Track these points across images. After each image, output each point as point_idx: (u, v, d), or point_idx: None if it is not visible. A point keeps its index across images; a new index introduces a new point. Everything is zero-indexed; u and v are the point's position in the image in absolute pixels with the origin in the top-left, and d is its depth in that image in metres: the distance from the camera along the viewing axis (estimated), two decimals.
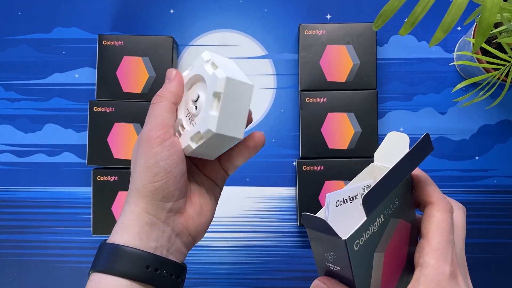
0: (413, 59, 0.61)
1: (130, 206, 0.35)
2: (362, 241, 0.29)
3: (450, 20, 0.33)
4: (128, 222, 0.34)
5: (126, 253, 0.33)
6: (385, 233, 0.31)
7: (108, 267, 0.33)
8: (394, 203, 0.31)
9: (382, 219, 0.31)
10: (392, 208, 0.31)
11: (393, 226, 0.31)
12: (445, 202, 0.30)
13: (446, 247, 0.29)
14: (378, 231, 0.30)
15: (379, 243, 0.31)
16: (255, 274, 0.60)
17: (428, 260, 0.29)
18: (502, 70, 0.49)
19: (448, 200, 0.31)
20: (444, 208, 0.30)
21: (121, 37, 0.58)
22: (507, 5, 0.39)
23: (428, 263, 0.29)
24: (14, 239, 0.61)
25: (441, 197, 0.31)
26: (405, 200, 0.33)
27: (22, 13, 0.62)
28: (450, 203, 0.31)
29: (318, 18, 0.62)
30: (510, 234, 0.60)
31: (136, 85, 0.57)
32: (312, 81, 0.58)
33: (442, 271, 0.28)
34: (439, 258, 0.28)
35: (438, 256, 0.28)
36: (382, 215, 0.31)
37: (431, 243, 0.29)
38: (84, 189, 0.61)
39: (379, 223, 0.30)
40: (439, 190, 0.32)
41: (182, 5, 0.62)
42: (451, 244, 0.29)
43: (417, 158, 0.32)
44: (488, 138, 0.60)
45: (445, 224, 0.29)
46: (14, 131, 0.61)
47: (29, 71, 0.62)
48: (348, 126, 0.57)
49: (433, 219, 0.30)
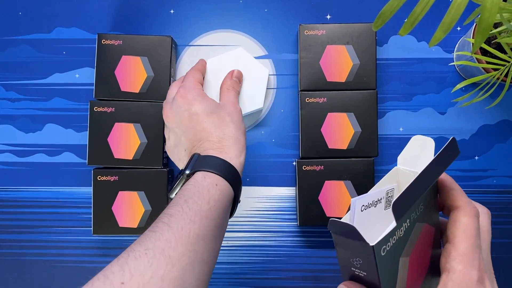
0: (413, 59, 0.61)
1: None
2: (389, 247, 0.29)
3: (450, 20, 0.33)
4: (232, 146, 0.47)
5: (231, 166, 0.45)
6: (411, 237, 0.31)
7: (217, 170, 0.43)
8: (420, 207, 0.31)
9: (408, 224, 0.30)
10: (417, 213, 0.31)
11: (418, 231, 0.31)
12: (471, 206, 0.30)
13: (473, 253, 0.28)
14: (404, 236, 0.30)
15: (405, 247, 0.31)
16: (255, 274, 0.60)
17: (455, 266, 0.28)
18: (501, 70, 0.49)
19: (474, 205, 0.31)
20: (470, 213, 0.30)
21: (120, 36, 0.58)
22: (506, 5, 0.39)
23: (456, 268, 0.28)
24: (14, 239, 0.61)
25: (467, 202, 0.31)
26: (429, 204, 0.32)
27: (22, 13, 0.62)
28: (476, 208, 0.31)
29: (318, 18, 0.62)
30: (510, 234, 0.60)
31: (134, 85, 0.58)
32: (312, 81, 0.58)
33: (470, 276, 0.28)
34: (466, 264, 0.28)
35: (465, 261, 0.28)
36: (408, 220, 0.30)
37: (458, 248, 0.29)
38: (85, 189, 0.61)
39: (405, 228, 0.30)
40: (465, 194, 0.32)
41: (182, 5, 0.62)
42: (477, 249, 0.29)
43: (444, 163, 0.32)
44: (488, 138, 0.60)
45: (472, 229, 0.29)
46: (15, 131, 0.61)
47: (30, 71, 0.62)
48: (348, 126, 0.57)
49: (459, 224, 0.29)
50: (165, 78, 0.58)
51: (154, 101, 0.58)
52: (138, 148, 0.57)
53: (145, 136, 0.57)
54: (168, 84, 0.58)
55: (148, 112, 0.57)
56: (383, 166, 0.60)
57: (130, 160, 0.57)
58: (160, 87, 0.58)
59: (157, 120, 0.57)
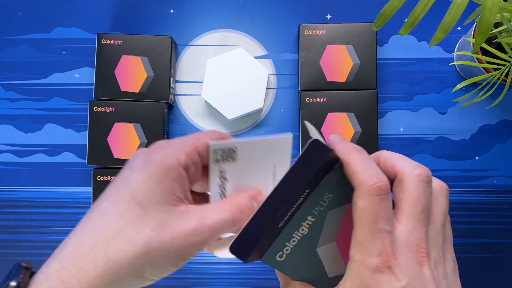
0: (413, 59, 0.61)
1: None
2: (287, 250, 0.28)
3: (450, 20, 0.33)
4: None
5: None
6: (325, 227, 0.28)
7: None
8: (326, 198, 0.28)
9: (310, 220, 0.28)
10: (324, 204, 0.28)
11: (336, 217, 0.28)
12: (368, 184, 0.25)
13: (371, 239, 0.25)
14: (312, 232, 0.28)
15: (319, 239, 0.28)
16: (255, 274, 0.60)
17: (353, 254, 0.25)
18: (502, 70, 0.49)
19: (375, 180, 0.25)
20: (366, 193, 0.25)
21: (120, 36, 0.58)
22: (507, 5, 0.39)
23: (353, 257, 0.25)
24: (14, 239, 0.61)
25: (364, 179, 0.25)
26: (343, 185, 0.28)
27: (22, 13, 0.62)
28: (378, 183, 0.25)
29: (318, 18, 0.62)
30: (510, 234, 0.60)
31: (134, 85, 0.58)
32: (312, 81, 0.58)
33: (366, 266, 0.25)
34: (362, 252, 0.25)
35: (361, 249, 0.25)
36: (310, 216, 0.28)
37: (355, 236, 0.25)
38: (84, 189, 0.61)
39: (309, 225, 0.28)
40: (369, 167, 0.26)
41: (182, 5, 0.62)
42: (380, 234, 0.25)
43: (306, 173, 0.26)
44: (488, 138, 0.60)
45: (368, 213, 0.25)
46: (14, 131, 0.61)
47: (29, 71, 0.62)
48: (348, 126, 0.57)
49: (355, 208, 0.26)
50: (165, 78, 0.58)
51: (154, 101, 0.58)
52: (137, 148, 0.57)
53: (145, 136, 0.57)
54: (168, 84, 0.58)
55: (148, 112, 0.57)
56: None
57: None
58: (160, 87, 0.58)
59: (157, 120, 0.57)
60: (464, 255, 0.60)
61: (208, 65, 0.58)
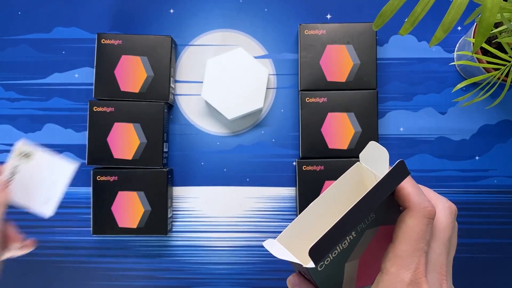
0: (413, 59, 0.61)
1: None
2: (328, 261, 0.29)
3: (450, 20, 0.33)
4: None
5: None
6: (359, 244, 0.30)
7: None
8: (370, 217, 0.31)
9: (353, 235, 0.30)
10: (366, 222, 0.31)
11: (368, 236, 0.31)
12: (421, 207, 0.29)
13: (411, 255, 0.28)
14: (349, 247, 0.30)
15: (351, 254, 0.30)
16: (255, 274, 0.60)
17: (389, 267, 0.28)
18: (502, 70, 0.49)
19: (427, 204, 0.29)
20: (418, 214, 0.29)
21: (119, 36, 0.58)
22: (507, 5, 0.39)
23: (388, 269, 0.28)
24: None
25: (418, 202, 0.29)
26: (385, 207, 0.31)
27: (22, 13, 0.62)
28: (429, 208, 0.29)
29: (318, 18, 0.61)
30: (510, 234, 0.60)
31: (134, 85, 0.57)
32: (312, 81, 0.57)
33: (401, 279, 0.27)
34: (400, 266, 0.28)
35: (399, 263, 0.28)
36: (354, 232, 0.30)
37: (395, 250, 0.28)
38: (84, 189, 0.61)
39: (350, 240, 0.30)
40: (421, 192, 0.30)
41: (182, 5, 0.62)
42: (419, 253, 0.28)
43: (388, 188, 0.29)
44: (488, 138, 0.60)
45: (415, 232, 0.28)
46: (14, 131, 0.61)
47: (29, 71, 0.62)
48: (348, 126, 0.57)
49: (403, 225, 0.29)
50: (165, 78, 0.58)
51: (154, 101, 0.57)
52: (137, 148, 0.57)
53: (145, 136, 0.57)
54: (168, 84, 0.58)
55: (148, 112, 0.57)
56: None
57: (129, 160, 0.57)
58: (160, 87, 0.57)
59: (157, 120, 0.57)
60: (464, 255, 0.60)
61: (208, 65, 0.58)
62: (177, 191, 0.61)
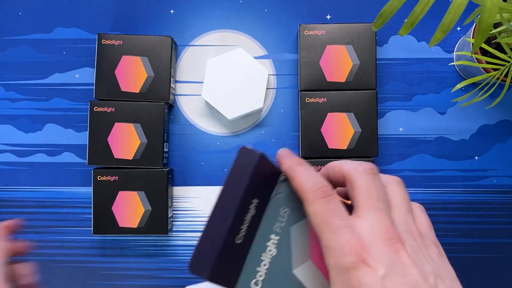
0: (412, 59, 0.61)
1: None
2: (262, 276, 0.27)
3: (450, 20, 0.33)
4: None
5: None
6: (294, 245, 0.27)
7: None
8: (283, 213, 0.28)
9: (275, 239, 0.27)
10: (283, 219, 0.28)
11: (301, 232, 0.28)
12: (312, 191, 0.26)
13: (334, 237, 0.25)
14: (281, 252, 0.27)
15: (292, 259, 0.27)
16: None
17: (328, 262, 0.25)
18: (501, 70, 0.49)
19: (317, 186, 0.26)
20: (311, 199, 0.25)
21: (120, 36, 0.58)
22: (506, 5, 0.39)
23: (329, 265, 0.25)
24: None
25: (308, 187, 0.26)
26: (297, 199, 0.28)
27: (22, 13, 0.62)
28: (319, 186, 0.26)
29: (318, 18, 0.62)
30: (510, 234, 0.60)
31: (135, 85, 0.58)
32: (312, 81, 0.58)
33: (343, 268, 0.24)
34: (333, 255, 0.25)
35: (331, 253, 0.25)
36: (274, 235, 0.27)
37: (322, 243, 0.25)
38: (85, 189, 0.61)
39: (276, 245, 0.27)
40: (310, 175, 0.26)
41: (182, 5, 0.62)
42: (339, 230, 0.25)
43: (239, 183, 0.26)
44: (488, 138, 0.60)
45: (320, 215, 0.25)
46: (15, 131, 0.61)
47: (30, 71, 0.62)
48: (348, 126, 0.57)
49: (309, 217, 0.26)
50: (165, 78, 0.58)
51: (154, 101, 0.58)
52: (138, 148, 0.57)
53: (145, 136, 0.57)
54: (168, 84, 0.58)
55: (148, 112, 0.57)
56: (383, 166, 0.60)
57: (130, 160, 0.57)
58: (160, 87, 0.58)
59: (157, 120, 0.57)
60: (464, 255, 0.60)
61: (208, 65, 0.58)
62: (177, 191, 0.61)
